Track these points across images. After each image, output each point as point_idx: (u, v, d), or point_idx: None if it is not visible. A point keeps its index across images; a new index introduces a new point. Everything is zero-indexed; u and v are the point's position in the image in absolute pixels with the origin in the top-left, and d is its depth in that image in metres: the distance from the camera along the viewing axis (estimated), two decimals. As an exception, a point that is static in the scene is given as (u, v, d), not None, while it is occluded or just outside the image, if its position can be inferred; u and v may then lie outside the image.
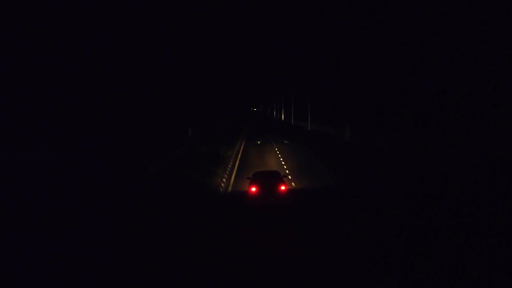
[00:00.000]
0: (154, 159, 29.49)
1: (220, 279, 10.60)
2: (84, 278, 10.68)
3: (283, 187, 17.73)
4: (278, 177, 18.61)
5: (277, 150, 39.98)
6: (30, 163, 21.11)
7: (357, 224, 15.03)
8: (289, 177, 24.12)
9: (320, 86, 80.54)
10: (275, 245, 13.65)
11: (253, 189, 17.69)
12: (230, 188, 23.19)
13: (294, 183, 23.24)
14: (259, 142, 49.27)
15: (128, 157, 27.91)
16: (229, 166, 30.24)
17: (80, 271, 11.09)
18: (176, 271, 11.20)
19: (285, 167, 29.12)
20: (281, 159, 33.24)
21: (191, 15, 52.72)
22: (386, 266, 11.01)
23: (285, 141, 49.77)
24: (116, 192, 19.74)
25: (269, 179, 18.24)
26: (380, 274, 10.51)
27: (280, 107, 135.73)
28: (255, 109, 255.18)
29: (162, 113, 47.88)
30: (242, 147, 44.88)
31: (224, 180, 24.78)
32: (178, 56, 52.43)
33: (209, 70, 77.10)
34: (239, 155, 37.43)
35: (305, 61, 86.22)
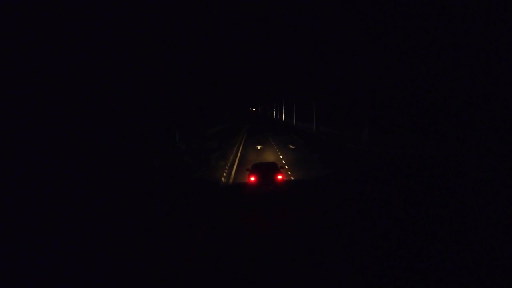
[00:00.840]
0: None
1: (222, 254, 11.89)
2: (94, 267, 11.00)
3: (280, 177, 18.90)
4: (275, 168, 19.58)
5: (282, 159, 31.99)
6: (33, 160, 20.62)
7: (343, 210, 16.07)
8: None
9: (325, 85, 73.40)
10: (272, 224, 14.71)
11: (252, 178, 18.78)
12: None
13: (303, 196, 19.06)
14: (259, 147, 41.26)
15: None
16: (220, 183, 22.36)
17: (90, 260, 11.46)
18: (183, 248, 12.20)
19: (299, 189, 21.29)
20: (289, 173, 25.28)
21: (186, 11, 49.78)
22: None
23: (290, 146, 41.80)
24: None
25: (267, 170, 19.24)
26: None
27: (280, 107, 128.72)
28: (254, 109, 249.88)
29: (145, 113, 40.58)
30: (239, 154, 36.91)
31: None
32: (170, 53, 46.62)
33: (203, 67, 70.21)
34: (235, 166, 29.47)
35: (308, 58, 79.57)
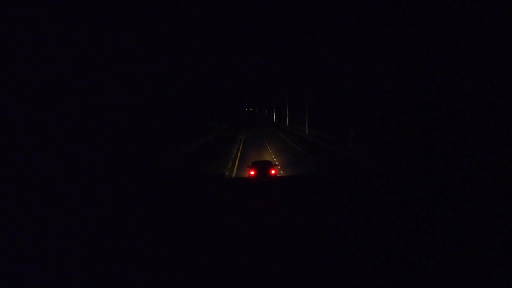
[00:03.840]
0: None
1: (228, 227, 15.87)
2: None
3: (273, 171, 25.37)
4: (270, 164, 26.10)
5: None
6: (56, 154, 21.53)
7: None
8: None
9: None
10: (266, 206, 20.35)
11: (252, 172, 25.24)
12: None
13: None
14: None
15: None
16: None
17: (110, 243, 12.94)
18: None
19: None
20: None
21: (183, 12, 50.27)
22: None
23: None
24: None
25: (263, 165, 25.55)
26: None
27: (284, 110, 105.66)
28: (250, 110, 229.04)
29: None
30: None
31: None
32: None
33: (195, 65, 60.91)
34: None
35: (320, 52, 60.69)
